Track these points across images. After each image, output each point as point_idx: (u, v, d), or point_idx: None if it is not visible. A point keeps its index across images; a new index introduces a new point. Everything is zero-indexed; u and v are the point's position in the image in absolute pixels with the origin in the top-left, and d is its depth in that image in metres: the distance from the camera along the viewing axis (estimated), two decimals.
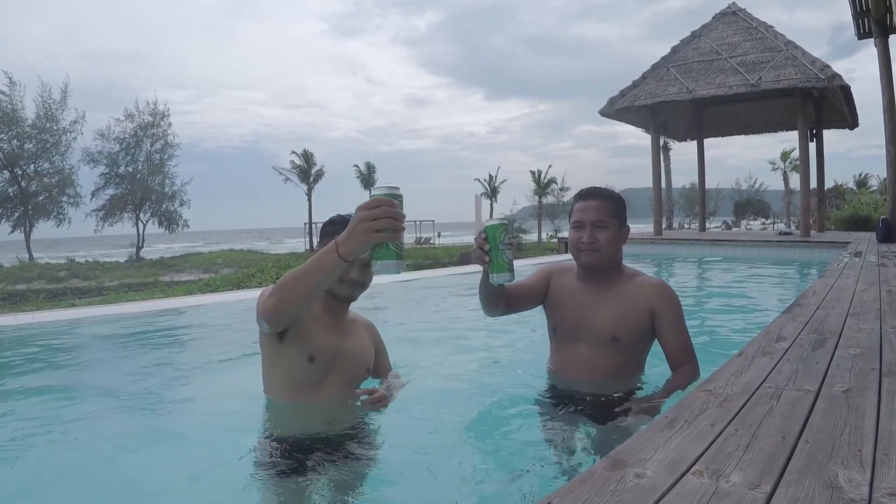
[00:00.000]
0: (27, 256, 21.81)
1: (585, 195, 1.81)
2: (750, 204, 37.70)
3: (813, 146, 11.01)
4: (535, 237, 27.61)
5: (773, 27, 10.43)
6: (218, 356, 2.86)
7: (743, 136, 14.09)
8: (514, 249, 1.43)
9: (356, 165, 32.78)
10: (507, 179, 32.83)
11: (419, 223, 30.61)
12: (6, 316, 4.34)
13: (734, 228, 30.28)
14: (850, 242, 7.62)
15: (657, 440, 0.93)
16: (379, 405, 1.61)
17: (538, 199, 30.19)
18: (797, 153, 10.52)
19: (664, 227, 14.54)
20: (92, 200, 24.71)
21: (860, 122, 12.00)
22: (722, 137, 14.18)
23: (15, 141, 21.67)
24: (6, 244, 25.71)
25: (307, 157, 30.15)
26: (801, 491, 0.75)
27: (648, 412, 1.56)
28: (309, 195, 29.74)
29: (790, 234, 10.52)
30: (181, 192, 26.33)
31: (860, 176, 32.33)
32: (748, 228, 30.74)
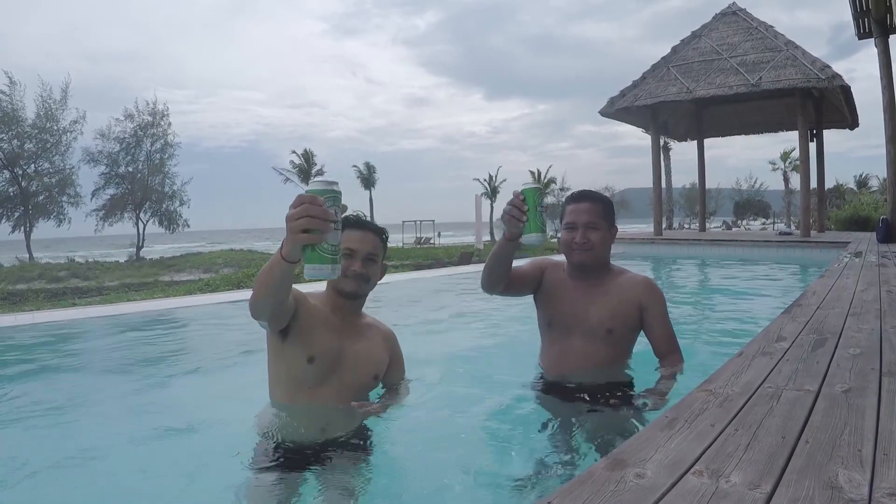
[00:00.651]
0: (27, 256, 21.81)
1: (577, 198, 1.92)
2: (750, 204, 37.71)
3: (813, 146, 11.01)
4: None
5: (773, 27, 10.43)
6: (218, 356, 2.86)
7: (743, 136, 14.11)
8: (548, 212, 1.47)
9: (356, 165, 32.82)
10: (507, 179, 32.90)
11: (419, 223, 30.60)
12: (6, 316, 4.34)
13: (734, 228, 30.28)
14: (850, 242, 7.62)
15: (657, 440, 0.93)
16: (368, 413, 1.58)
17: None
18: (797, 153, 10.51)
19: (664, 227, 14.54)
20: (92, 200, 24.73)
21: (860, 122, 12.00)
22: (722, 137, 14.18)
23: (15, 141, 21.65)
24: (6, 244, 25.70)
25: (308, 156, 30.15)
26: (801, 491, 0.75)
27: (661, 396, 1.69)
28: None
29: (790, 234, 10.52)
30: (181, 191, 26.36)
31: (860, 176, 32.33)
32: (748, 228, 30.75)
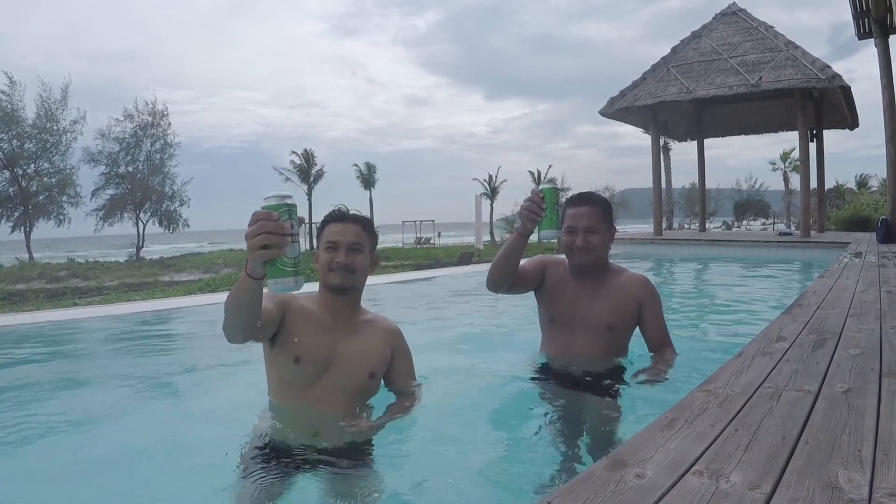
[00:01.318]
0: (27, 256, 21.81)
1: (577, 202, 1.98)
2: (750, 204, 37.67)
3: (813, 146, 11.00)
4: (534, 237, 27.59)
5: (773, 27, 10.43)
6: (217, 356, 2.86)
7: (743, 136, 14.09)
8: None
9: (356, 165, 32.73)
10: (507, 179, 32.87)
11: (419, 223, 30.60)
12: (6, 316, 4.34)
13: (734, 228, 30.28)
14: (850, 243, 7.62)
15: (657, 440, 0.93)
16: (360, 431, 1.49)
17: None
18: (797, 153, 10.51)
19: (664, 227, 14.54)
20: (92, 200, 24.75)
21: (860, 122, 12.01)
22: (722, 137, 14.17)
23: (15, 141, 21.67)
24: (6, 244, 25.70)
25: (308, 156, 30.13)
26: (801, 491, 0.75)
27: (657, 374, 1.82)
28: (309, 195, 29.73)
29: (790, 234, 10.52)
30: (181, 191, 26.37)
31: (860, 176, 32.31)
32: (748, 229, 30.74)
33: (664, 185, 20.78)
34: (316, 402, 1.53)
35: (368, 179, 32.29)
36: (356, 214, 1.63)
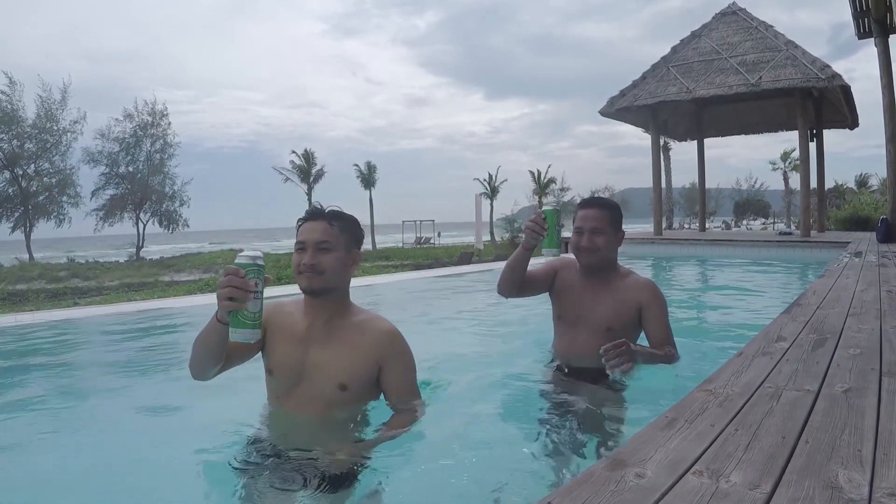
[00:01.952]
0: (27, 256, 21.81)
1: (586, 205, 2.08)
2: (750, 204, 37.67)
3: (813, 146, 10.99)
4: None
5: (773, 27, 10.42)
6: None
7: (743, 136, 14.08)
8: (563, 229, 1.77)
9: (356, 165, 32.71)
10: (507, 179, 32.90)
11: (419, 223, 30.60)
12: (6, 316, 4.34)
13: (734, 228, 30.28)
14: (850, 242, 7.61)
15: (657, 440, 0.93)
16: (335, 462, 1.36)
17: (538, 199, 30.19)
18: (797, 153, 10.51)
19: (664, 226, 14.53)
20: (92, 200, 24.76)
21: (860, 122, 11.99)
22: (722, 137, 14.17)
23: (15, 141, 21.68)
24: (6, 244, 25.70)
25: (308, 156, 30.13)
26: (801, 491, 0.75)
27: (641, 354, 1.81)
28: (309, 195, 29.73)
29: (790, 234, 10.51)
30: (181, 192, 26.38)
31: (860, 176, 32.30)
32: (748, 228, 30.74)
33: (664, 184, 20.78)
34: (296, 408, 1.52)
35: (368, 179, 32.27)
36: (328, 211, 1.53)
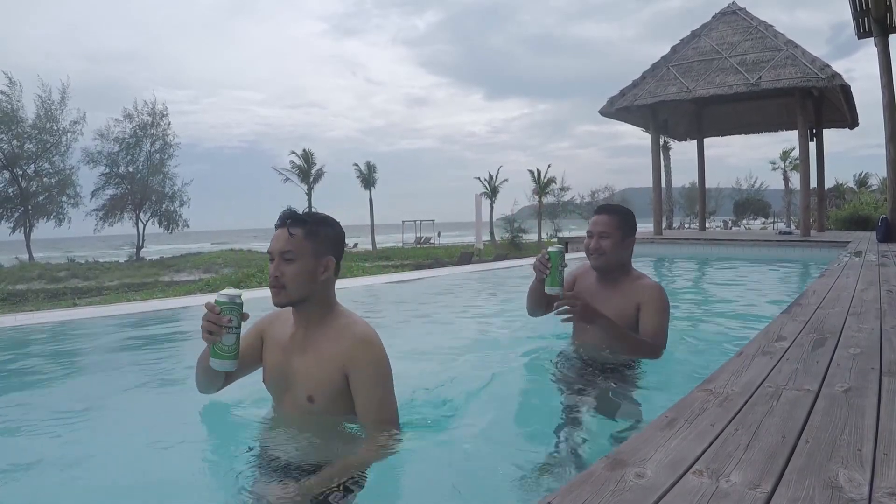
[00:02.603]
0: (27, 256, 21.81)
1: (596, 210, 2.23)
2: (750, 203, 37.69)
3: (813, 146, 11.00)
4: (535, 237, 27.61)
5: (773, 26, 10.42)
6: None
7: (743, 135, 14.08)
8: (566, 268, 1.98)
9: (356, 165, 32.70)
10: (507, 179, 32.89)
11: (419, 223, 30.60)
12: (6, 316, 4.34)
13: (734, 228, 30.28)
14: (850, 242, 7.61)
15: (657, 440, 0.93)
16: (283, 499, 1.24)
17: (538, 198, 30.20)
18: (797, 152, 10.51)
19: (664, 226, 14.53)
20: (92, 200, 24.78)
21: (860, 121, 12.00)
22: (722, 137, 14.19)
23: (15, 141, 21.69)
24: (6, 244, 25.70)
25: (307, 156, 30.13)
26: (801, 491, 0.75)
27: (607, 325, 1.96)
28: (309, 195, 29.74)
29: (790, 233, 10.52)
30: (181, 192, 26.39)
31: (860, 175, 32.30)
32: (748, 228, 30.74)
33: (664, 184, 20.78)
34: (285, 417, 1.52)
35: (368, 179, 32.26)
36: (298, 216, 1.41)
